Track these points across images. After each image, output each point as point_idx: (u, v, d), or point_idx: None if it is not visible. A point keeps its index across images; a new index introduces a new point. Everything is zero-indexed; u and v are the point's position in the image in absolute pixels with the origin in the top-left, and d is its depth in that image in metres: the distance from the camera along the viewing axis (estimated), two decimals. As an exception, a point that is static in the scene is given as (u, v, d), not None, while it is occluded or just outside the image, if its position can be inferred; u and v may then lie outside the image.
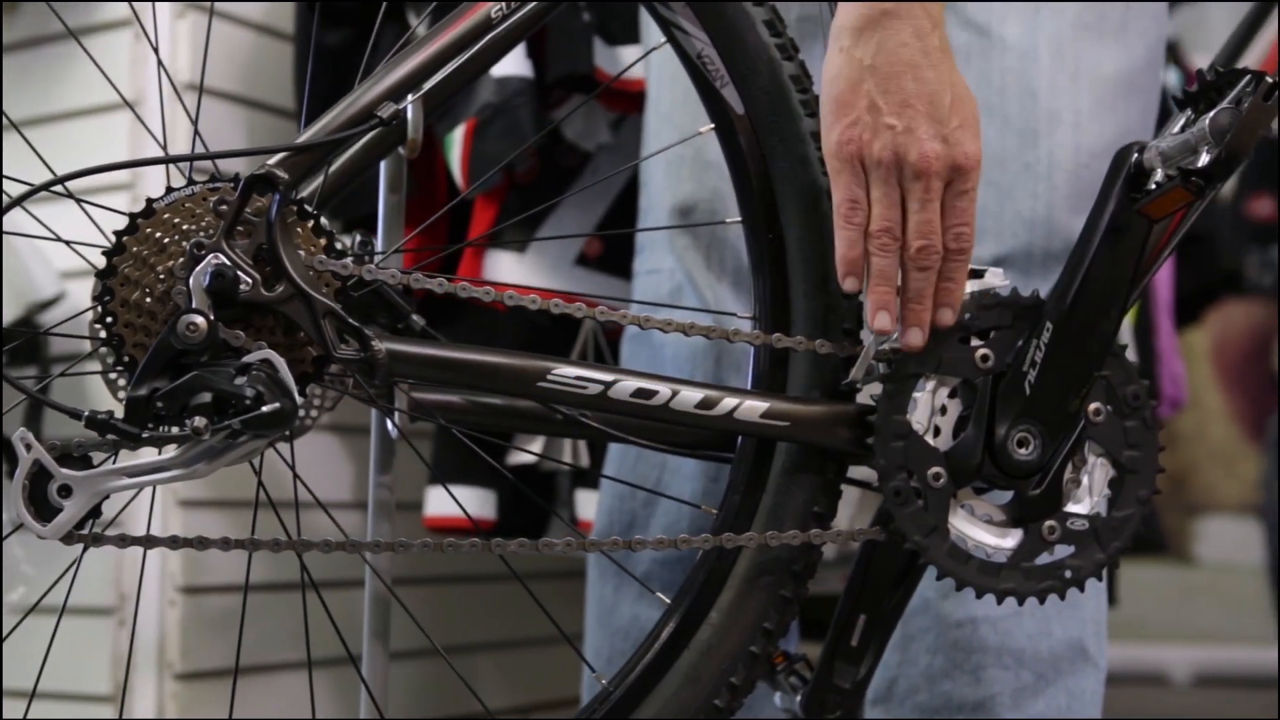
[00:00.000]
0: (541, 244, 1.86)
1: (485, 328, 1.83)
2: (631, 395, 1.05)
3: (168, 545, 1.00)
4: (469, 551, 1.03)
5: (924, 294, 1.06)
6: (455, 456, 1.86)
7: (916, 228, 1.05)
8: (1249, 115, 1.02)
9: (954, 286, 1.07)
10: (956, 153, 1.05)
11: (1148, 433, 1.12)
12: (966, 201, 1.06)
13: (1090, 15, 1.33)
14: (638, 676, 1.11)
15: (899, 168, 1.04)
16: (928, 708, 1.34)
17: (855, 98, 1.05)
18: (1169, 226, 1.12)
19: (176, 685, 1.83)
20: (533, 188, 1.84)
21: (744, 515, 1.11)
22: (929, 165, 1.04)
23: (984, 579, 1.09)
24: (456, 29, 1.06)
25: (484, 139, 1.73)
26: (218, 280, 0.98)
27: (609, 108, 1.84)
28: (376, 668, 1.21)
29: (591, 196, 1.88)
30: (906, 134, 1.04)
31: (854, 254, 1.06)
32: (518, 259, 1.84)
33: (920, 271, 1.06)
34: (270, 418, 0.96)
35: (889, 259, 1.06)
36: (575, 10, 1.75)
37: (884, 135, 1.04)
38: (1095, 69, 1.33)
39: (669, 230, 1.43)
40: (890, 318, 1.06)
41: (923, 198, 1.05)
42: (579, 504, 1.89)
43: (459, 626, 2.22)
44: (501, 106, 1.72)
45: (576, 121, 1.83)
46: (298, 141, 1.02)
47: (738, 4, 1.11)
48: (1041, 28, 1.32)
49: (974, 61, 1.32)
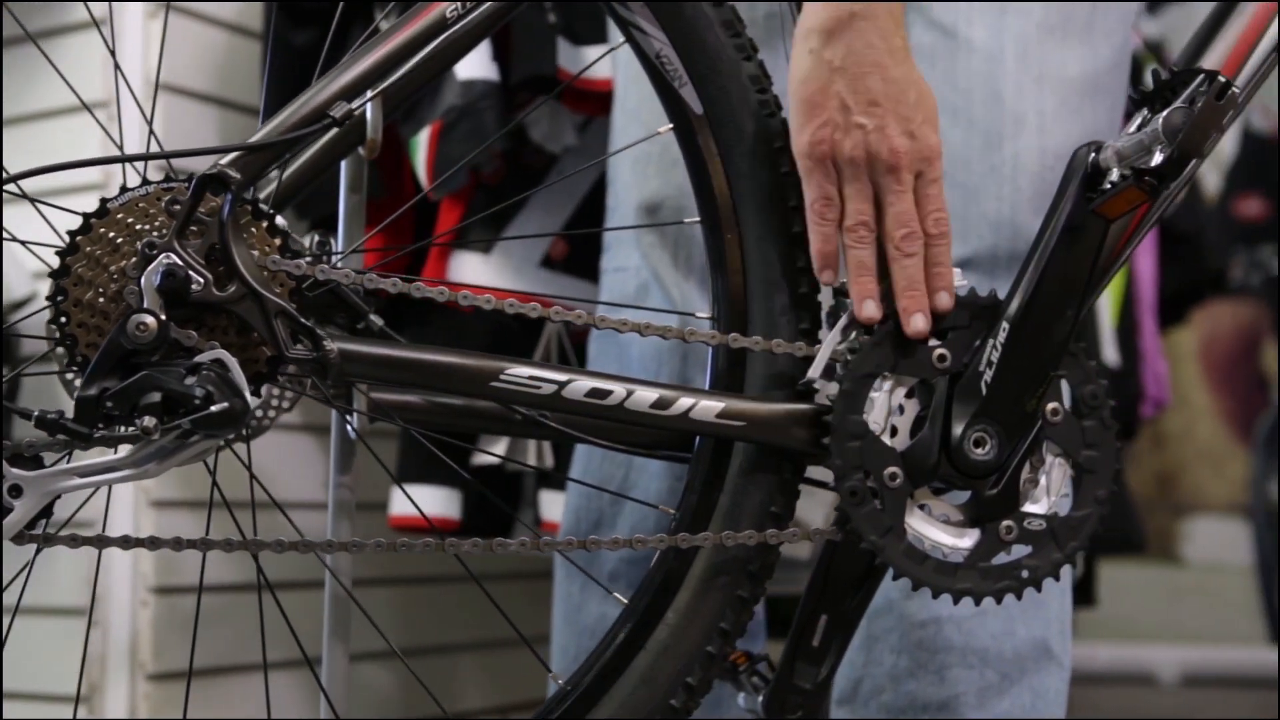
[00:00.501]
0: (507, 246, 1.86)
1: (454, 329, 1.83)
2: (586, 395, 1.05)
3: (119, 545, 1.00)
4: (421, 551, 1.03)
5: (916, 280, 1.09)
6: (420, 456, 1.86)
7: (896, 218, 1.09)
8: (1201, 114, 1.02)
9: (944, 270, 1.10)
10: (923, 146, 1.09)
11: (1105, 432, 1.11)
12: (936, 189, 1.10)
13: (1056, 17, 1.33)
14: (594, 677, 1.10)
15: (870, 164, 1.08)
16: (893, 708, 1.34)
17: (825, 99, 1.08)
18: (1128, 226, 1.12)
19: (149, 686, 1.83)
20: (499, 190, 1.84)
21: (701, 515, 1.11)
22: (899, 159, 1.08)
23: (940, 579, 1.09)
24: (411, 28, 1.06)
25: (449, 141, 1.73)
26: (169, 280, 0.97)
27: (575, 109, 1.84)
28: (337, 668, 1.21)
29: (558, 198, 1.88)
30: (877, 132, 1.07)
31: (829, 249, 1.10)
32: (483, 260, 1.84)
33: (908, 259, 1.09)
34: (220, 417, 0.95)
35: (867, 250, 1.09)
36: (540, 11, 1.75)
37: (855, 134, 1.07)
38: (1060, 71, 1.33)
39: (636, 228, 1.43)
40: (877, 306, 1.09)
41: (896, 190, 1.08)
42: (543, 505, 1.89)
43: (437, 627, 2.22)
44: (467, 109, 1.72)
45: (543, 123, 1.83)
46: (250, 141, 1.02)
47: (696, 4, 1.11)
48: (1007, 29, 1.32)
49: (939, 63, 1.33)
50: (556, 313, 1.05)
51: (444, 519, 1.88)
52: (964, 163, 1.31)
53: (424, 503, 1.88)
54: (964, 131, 1.32)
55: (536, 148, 1.84)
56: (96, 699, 1.82)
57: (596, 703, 1.10)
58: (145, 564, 1.84)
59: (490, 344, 1.80)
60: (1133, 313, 3.03)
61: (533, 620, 1.54)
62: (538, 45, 1.74)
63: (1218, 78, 1.03)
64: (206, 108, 1.94)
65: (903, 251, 1.09)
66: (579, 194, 1.87)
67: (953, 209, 1.30)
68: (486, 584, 2.11)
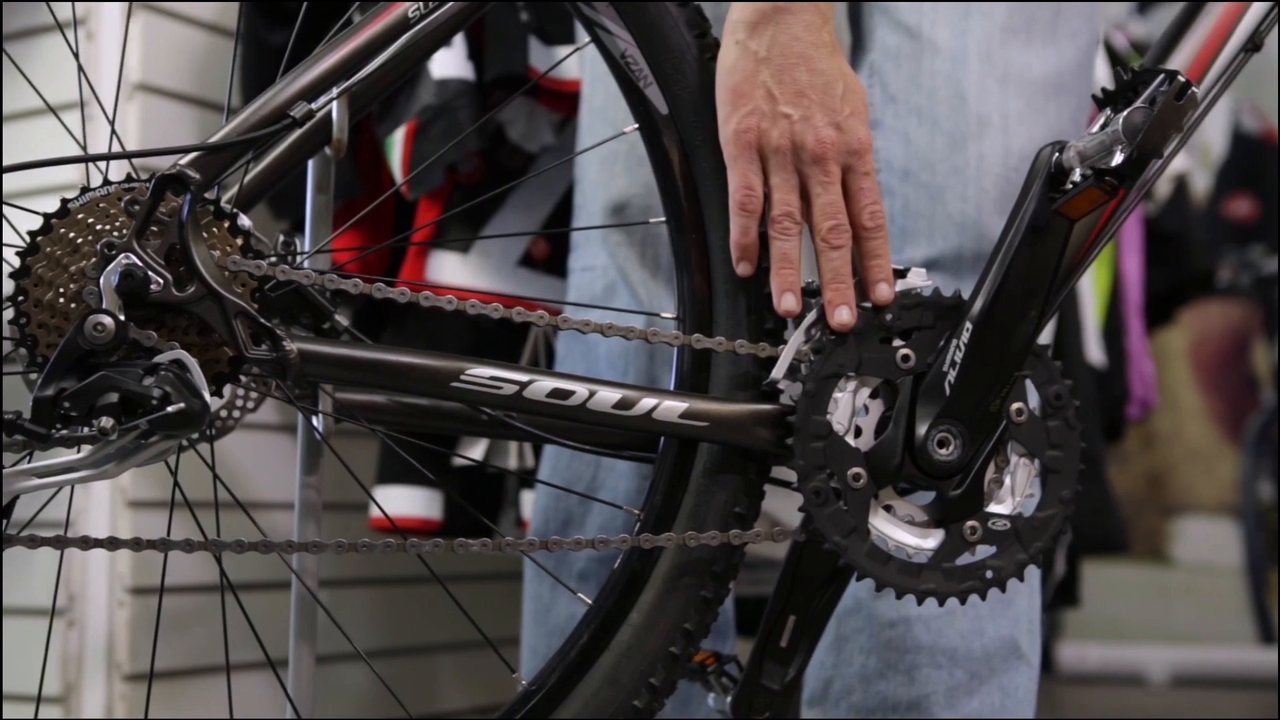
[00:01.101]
0: (485, 245, 1.86)
1: (432, 330, 1.83)
2: (548, 395, 1.05)
3: (79, 546, 1.00)
4: (382, 552, 1.03)
5: (843, 273, 1.09)
6: (400, 457, 1.86)
7: (823, 209, 1.09)
8: (1160, 114, 1.02)
9: (882, 262, 1.10)
10: (850, 138, 1.08)
11: (1070, 433, 1.11)
12: (869, 183, 1.10)
13: (1020, 19, 1.33)
14: (559, 677, 1.10)
15: (796, 154, 1.08)
16: (863, 708, 1.34)
17: (751, 88, 1.08)
18: (1094, 226, 1.12)
19: (125, 686, 1.83)
20: (477, 190, 1.84)
21: (665, 516, 1.11)
22: (825, 150, 1.08)
23: (904, 579, 1.09)
24: (373, 28, 1.06)
25: (424, 141, 1.73)
26: (127, 280, 0.97)
27: (552, 109, 1.83)
28: (303, 669, 1.20)
29: (536, 198, 1.87)
30: (803, 122, 1.07)
31: (746, 240, 1.09)
32: (461, 260, 1.84)
33: (834, 251, 1.09)
34: (177, 418, 0.95)
35: (791, 242, 1.09)
36: (513, 11, 1.75)
37: (781, 123, 1.07)
38: (1024, 72, 1.33)
39: (602, 227, 1.43)
40: (795, 299, 1.09)
41: (823, 181, 1.08)
42: (524, 505, 1.88)
43: (419, 627, 2.22)
44: (442, 108, 1.72)
45: (520, 123, 1.83)
46: (210, 141, 1.02)
47: (660, 4, 1.11)
48: (971, 31, 1.33)
49: (905, 64, 1.33)
50: (518, 313, 1.05)
51: (425, 519, 1.87)
52: (928, 163, 1.31)
53: (406, 503, 1.88)
54: (928, 132, 1.32)
55: (514, 147, 1.84)
56: (73, 699, 1.82)
57: (560, 703, 1.10)
58: (122, 564, 1.83)
59: (471, 345, 1.80)
60: (1119, 313, 3.03)
61: (510, 621, 1.54)
62: (510, 44, 1.74)
63: (1177, 77, 1.03)
64: (185, 108, 1.94)
65: (829, 244, 1.09)
66: (557, 193, 1.87)
67: (918, 210, 1.31)
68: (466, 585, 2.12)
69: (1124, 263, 3.06)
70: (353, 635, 1.22)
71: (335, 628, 1.22)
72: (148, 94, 1.90)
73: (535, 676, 1.12)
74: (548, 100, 1.82)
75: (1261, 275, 4.46)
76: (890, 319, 1.09)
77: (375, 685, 2.07)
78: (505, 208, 1.86)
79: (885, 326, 1.09)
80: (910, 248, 1.32)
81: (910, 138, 1.33)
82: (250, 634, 1.15)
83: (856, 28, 1.39)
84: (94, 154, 1.05)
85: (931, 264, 1.31)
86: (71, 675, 1.82)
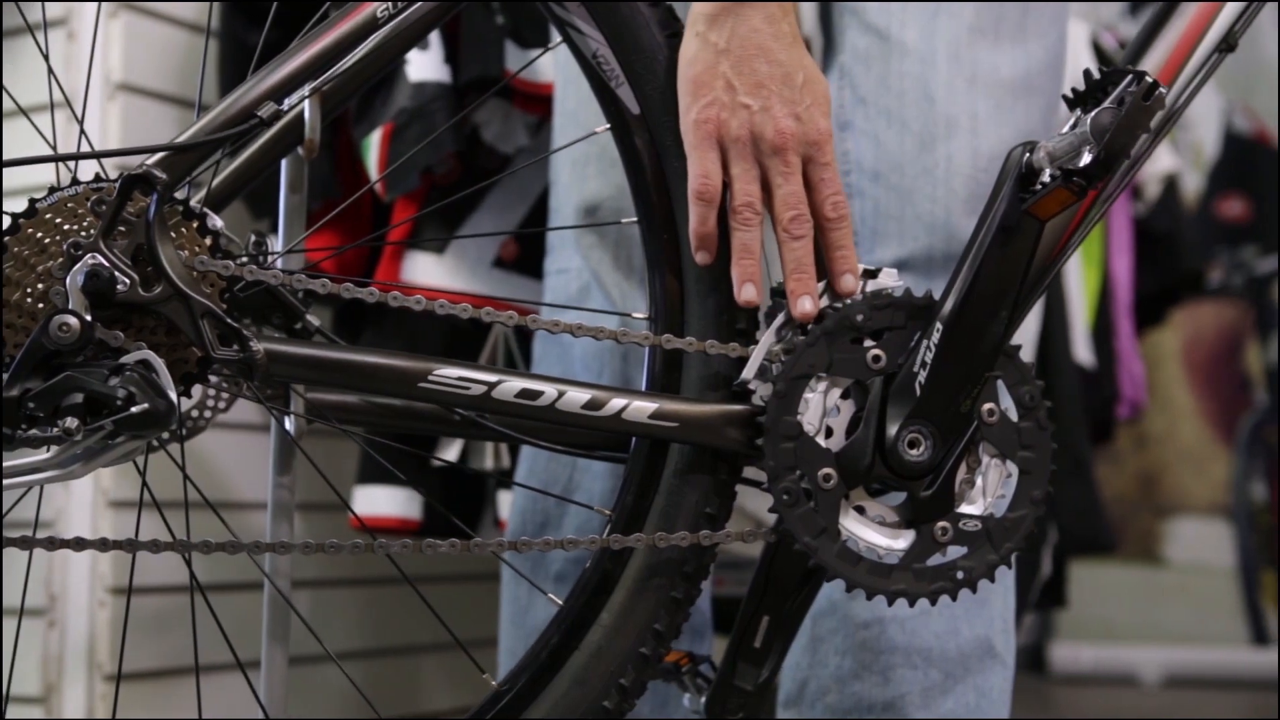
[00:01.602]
0: (460, 246, 1.86)
1: (407, 330, 1.83)
2: (516, 396, 1.05)
3: (44, 547, 0.99)
4: (351, 552, 1.03)
5: (805, 263, 1.09)
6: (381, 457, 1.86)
7: (784, 200, 1.09)
8: (1127, 115, 1.02)
9: (847, 252, 1.10)
10: (809, 129, 1.09)
11: (1041, 433, 1.11)
12: (830, 173, 1.10)
13: (987, 20, 1.34)
14: (529, 677, 1.10)
15: (756, 144, 1.08)
16: (838, 709, 1.34)
17: (712, 78, 1.08)
18: (1067, 227, 1.12)
19: (106, 686, 1.83)
20: (452, 191, 1.84)
21: (636, 516, 1.11)
22: (784, 141, 1.08)
23: (875, 580, 1.09)
24: (341, 28, 1.06)
25: (401, 143, 1.74)
26: (93, 280, 0.97)
27: (527, 111, 1.84)
28: (275, 670, 1.20)
29: (511, 200, 1.88)
30: (762, 112, 1.08)
31: (704, 229, 1.09)
32: (436, 260, 1.84)
33: (796, 241, 1.09)
34: (142, 418, 0.95)
35: (752, 233, 1.09)
36: (488, 13, 1.76)
37: (740, 114, 1.08)
38: (993, 73, 1.33)
39: (576, 229, 1.43)
40: (756, 290, 1.09)
41: (783, 171, 1.08)
42: (501, 505, 1.88)
43: (403, 628, 2.22)
44: (418, 111, 1.73)
45: (494, 125, 1.83)
46: (177, 140, 1.02)
47: (632, 4, 1.11)
48: (939, 32, 1.33)
49: (874, 66, 1.33)
50: (488, 313, 1.05)
51: (404, 519, 1.87)
52: (898, 165, 1.31)
53: (387, 503, 1.88)
54: (898, 133, 1.32)
55: (489, 149, 1.84)
56: (54, 699, 1.82)
57: (530, 703, 1.09)
58: (104, 565, 1.83)
59: (445, 345, 1.80)
60: (1109, 314, 3.03)
61: (492, 622, 1.54)
62: (485, 47, 1.74)
63: (1144, 78, 1.02)
64: (168, 108, 1.94)
65: (791, 234, 1.09)
66: (532, 195, 1.87)
67: (887, 210, 1.31)
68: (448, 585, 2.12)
69: (1114, 263, 3.06)
70: (339, 636, 1.22)
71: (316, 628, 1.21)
72: (130, 94, 1.90)
73: (506, 677, 1.12)
74: (522, 102, 1.82)
75: (1254, 276, 4.46)
76: (861, 319, 1.09)
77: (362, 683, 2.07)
78: (480, 209, 1.87)
79: (856, 327, 1.09)
80: (880, 249, 1.32)
81: (880, 139, 1.33)
82: (233, 634, 1.14)
83: (827, 30, 1.40)
84: (62, 154, 1.05)
85: (901, 265, 1.31)
86: (52, 675, 1.82)
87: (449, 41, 1.78)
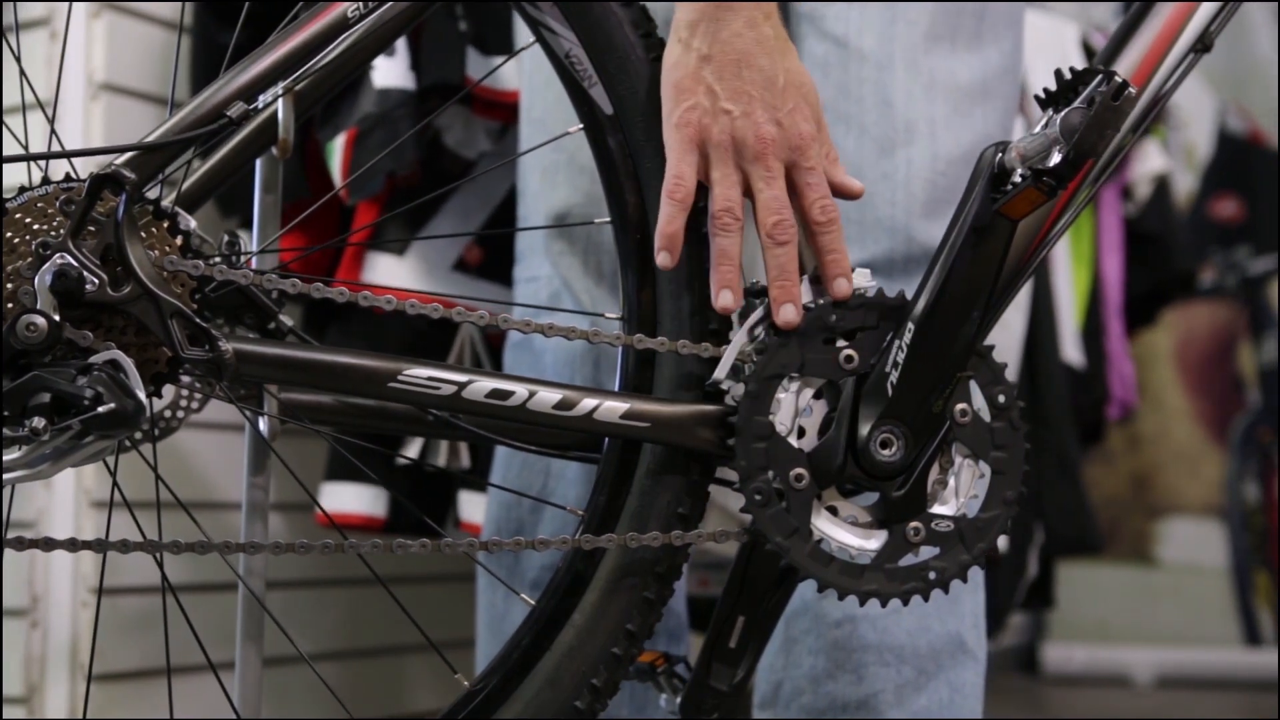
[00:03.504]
0: (421, 249, 1.87)
1: (372, 330, 1.84)
2: (487, 396, 1.04)
3: (14, 547, 0.99)
4: (322, 552, 1.03)
5: (788, 269, 1.08)
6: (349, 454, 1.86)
7: (767, 205, 1.08)
8: (1096, 115, 1.02)
9: (839, 256, 1.10)
10: (791, 134, 1.09)
11: (1014, 434, 1.11)
12: (815, 177, 1.09)
13: (944, 26, 1.34)
14: (501, 678, 1.10)
15: (738, 150, 1.08)
16: (813, 709, 1.34)
17: (694, 84, 1.08)
18: (1040, 227, 1.12)
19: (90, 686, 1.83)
20: (415, 195, 1.84)
21: (609, 517, 1.11)
22: (765, 147, 1.08)
23: (846, 580, 1.09)
24: (311, 28, 1.06)
25: (364, 148, 1.74)
26: (61, 280, 0.97)
27: (489, 117, 1.84)
28: (249, 671, 1.20)
29: (472, 204, 1.89)
30: (744, 118, 1.08)
31: (672, 229, 1.08)
32: (397, 261, 1.86)
33: (779, 247, 1.08)
34: (109, 418, 0.95)
35: (731, 238, 1.08)
36: (451, 19, 1.76)
37: (722, 119, 1.08)
38: (950, 78, 1.34)
39: (545, 237, 1.43)
40: (734, 296, 1.08)
41: (765, 177, 1.08)
42: (461, 505, 1.89)
43: (386, 628, 2.22)
44: (382, 117, 1.74)
45: (456, 130, 1.84)
46: (146, 140, 1.02)
47: (605, 4, 1.11)
48: (896, 39, 1.33)
49: (833, 73, 1.33)
50: (458, 313, 1.05)
51: (369, 517, 1.88)
52: (857, 170, 1.31)
53: (353, 500, 1.88)
54: (856, 139, 1.33)
55: (452, 154, 1.85)
56: (36, 699, 1.82)
57: (502, 703, 1.09)
58: (86, 565, 1.83)
59: (408, 345, 1.80)
60: (1099, 314, 3.03)
61: (469, 623, 1.54)
62: (447, 53, 1.75)
63: (1114, 78, 1.02)
64: (150, 108, 1.94)
65: (774, 240, 1.08)
66: (494, 200, 1.89)
67: (847, 215, 1.31)
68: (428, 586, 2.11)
69: (1104, 264, 3.06)
70: (321, 636, 1.23)
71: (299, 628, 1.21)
72: (112, 94, 1.90)
73: (478, 677, 1.12)
74: (484, 108, 1.83)
75: (1247, 276, 4.46)
76: (834, 319, 1.09)
77: (338, 685, 2.06)
78: (442, 213, 1.88)
79: (829, 327, 1.09)
80: None
81: (839, 144, 1.33)
82: (208, 634, 1.14)
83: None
84: (33, 153, 1.05)
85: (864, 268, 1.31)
86: (35, 676, 1.81)
87: (414, 49, 1.79)
